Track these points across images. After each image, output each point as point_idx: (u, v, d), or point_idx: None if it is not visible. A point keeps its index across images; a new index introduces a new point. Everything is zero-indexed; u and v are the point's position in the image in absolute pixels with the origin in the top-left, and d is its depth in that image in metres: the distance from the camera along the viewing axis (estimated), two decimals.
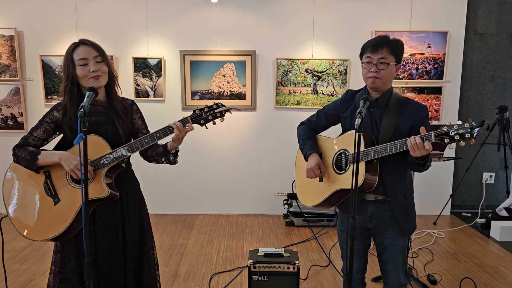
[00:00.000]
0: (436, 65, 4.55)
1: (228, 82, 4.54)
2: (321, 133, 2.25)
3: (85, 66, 1.83)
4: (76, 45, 1.86)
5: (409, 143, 1.76)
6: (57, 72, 4.48)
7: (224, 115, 1.88)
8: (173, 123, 1.86)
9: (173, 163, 2.01)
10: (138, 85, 4.53)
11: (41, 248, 3.69)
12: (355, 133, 1.62)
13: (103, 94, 1.95)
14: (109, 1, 4.44)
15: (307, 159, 2.14)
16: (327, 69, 4.52)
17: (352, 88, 2.17)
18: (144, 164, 2.20)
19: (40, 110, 4.48)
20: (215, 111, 1.86)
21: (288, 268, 2.57)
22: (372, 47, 1.91)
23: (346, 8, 4.48)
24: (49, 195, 1.88)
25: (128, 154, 1.86)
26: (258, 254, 2.66)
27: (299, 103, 4.58)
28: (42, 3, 4.43)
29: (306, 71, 4.52)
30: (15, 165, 1.92)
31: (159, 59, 4.48)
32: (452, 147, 1.71)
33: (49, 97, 4.53)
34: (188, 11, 4.47)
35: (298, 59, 4.51)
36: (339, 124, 2.16)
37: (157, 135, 1.86)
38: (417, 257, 3.60)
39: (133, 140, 1.95)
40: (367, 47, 1.94)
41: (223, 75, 4.52)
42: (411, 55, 4.53)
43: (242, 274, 3.23)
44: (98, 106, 1.92)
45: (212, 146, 4.67)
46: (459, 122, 1.67)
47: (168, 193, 4.72)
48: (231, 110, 1.89)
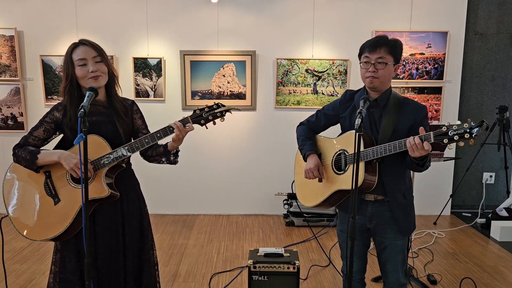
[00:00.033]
0: (436, 65, 4.55)
1: (228, 82, 4.54)
2: (320, 134, 2.25)
3: (84, 66, 1.84)
4: (76, 46, 1.86)
5: (408, 143, 1.76)
6: (57, 72, 4.49)
7: (224, 115, 1.88)
8: (173, 123, 1.86)
9: (173, 163, 2.01)
10: (138, 85, 4.53)
11: (41, 248, 3.69)
12: (355, 133, 1.62)
13: (103, 94, 1.95)
14: (109, 1, 4.44)
15: (306, 159, 2.14)
16: (327, 69, 4.52)
17: (352, 88, 2.17)
18: (144, 164, 2.21)
19: (40, 110, 4.48)
20: (215, 111, 1.86)
21: (288, 268, 2.57)
22: (370, 47, 1.92)
23: (346, 8, 4.49)
24: (49, 195, 1.88)
25: (128, 154, 1.86)
26: (258, 254, 2.66)
27: (299, 103, 4.58)
28: (42, 3, 4.43)
29: (306, 71, 4.52)
30: (15, 165, 1.92)
31: (159, 59, 4.48)
32: (451, 147, 1.72)
33: (49, 97, 4.53)
34: (188, 11, 4.47)
35: (298, 59, 4.51)
36: (339, 124, 2.16)
37: (158, 135, 1.86)
38: (417, 257, 3.60)
39: (133, 140, 1.95)
40: (365, 47, 1.94)
41: (223, 75, 4.52)
42: (411, 55, 4.53)
43: (242, 274, 3.23)
44: (98, 106, 1.92)
45: (212, 146, 4.67)
46: (458, 122, 1.68)
47: (168, 193, 4.72)
48: (231, 110, 1.89)
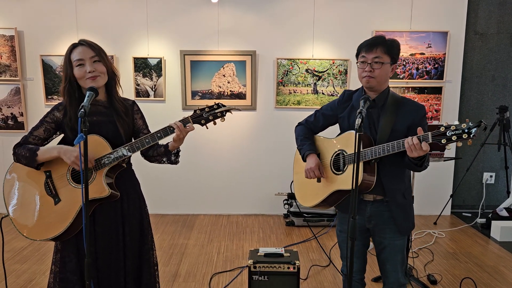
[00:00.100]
0: (436, 65, 4.55)
1: (229, 82, 4.54)
2: (319, 134, 2.25)
3: (82, 67, 1.83)
4: (74, 46, 1.86)
5: (406, 143, 1.76)
6: (57, 72, 4.49)
7: (224, 115, 1.88)
8: (173, 123, 1.86)
9: (174, 163, 2.01)
10: (139, 85, 4.53)
11: (41, 248, 3.69)
12: (355, 133, 1.62)
13: (103, 94, 1.95)
14: (109, 1, 4.44)
15: (305, 159, 2.14)
16: (328, 69, 4.52)
17: (352, 89, 2.17)
18: (144, 164, 2.21)
19: (40, 110, 4.48)
20: (216, 111, 1.87)
21: (288, 268, 2.57)
22: (367, 47, 1.92)
23: (346, 8, 4.49)
24: (49, 194, 1.88)
25: (129, 154, 1.86)
26: (259, 254, 2.66)
27: (299, 103, 4.58)
28: (42, 3, 4.43)
29: (307, 71, 4.52)
30: (15, 165, 1.92)
31: (159, 59, 4.48)
32: (449, 147, 1.72)
33: (49, 97, 4.53)
34: (188, 11, 4.47)
35: (298, 59, 4.51)
36: (337, 124, 2.16)
37: (158, 135, 1.86)
38: (417, 257, 3.60)
39: (133, 140, 1.95)
40: (362, 47, 1.95)
41: (224, 75, 4.52)
42: (411, 55, 4.53)
43: (243, 274, 3.23)
44: (98, 106, 1.92)
45: (213, 146, 4.67)
46: (456, 122, 1.68)
47: (168, 193, 4.72)
48: (231, 110, 1.89)
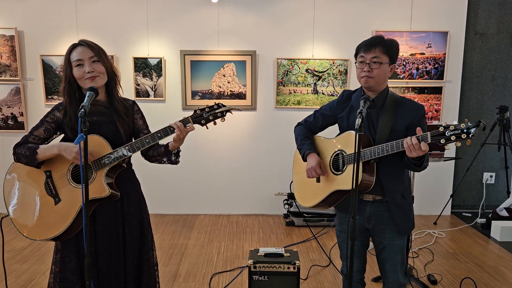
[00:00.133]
0: (436, 65, 4.55)
1: (229, 82, 4.54)
2: (318, 134, 2.25)
3: (81, 67, 1.84)
4: (74, 46, 1.87)
5: (405, 144, 1.76)
6: (57, 72, 4.49)
7: (225, 115, 1.88)
8: (174, 123, 1.86)
9: (174, 163, 2.01)
10: (139, 85, 4.53)
11: (41, 248, 3.69)
12: (355, 133, 1.62)
13: (103, 94, 1.95)
14: (109, 1, 4.44)
15: (305, 159, 2.14)
16: (328, 69, 4.52)
17: (352, 89, 2.17)
18: (144, 164, 2.21)
19: (40, 110, 4.48)
20: (216, 111, 1.87)
21: (289, 268, 2.57)
22: (365, 47, 1.92)
23: (346, 8, 4.49)
24: (49, 194, 1.88)
25: (129, 154, 1.86)
26: (259, 254, 2.66)
27: (299, 103, 4.58)
28: (42, 3, 4.43)
29: (307, 71, 4.52)
30: (15, 165, 1.92)
31: (159, 59, 4.48)
32: (448, 147, 1.71)
33: (49, 97, 4.53)
34: (188, 11, 4.47)
35: (298, 59, 4.51)
36: (336, 124, 2.16)
37: (158, 135, 1.86)
38: (418, 257, 3.60)
39: (134, 140, 1.95)
40: (361, 47, 1.95)
41: (224, 75, 4.52)
42: (411, 55, 4.53)
43: (243, 274, 3.23)
44: (99, 106, 1.92)
45: (213, 146, 4.67)
46: (455, 122, 1.68)
47: (168, 193, 4.72)
48: (231, 110, 1.89)
